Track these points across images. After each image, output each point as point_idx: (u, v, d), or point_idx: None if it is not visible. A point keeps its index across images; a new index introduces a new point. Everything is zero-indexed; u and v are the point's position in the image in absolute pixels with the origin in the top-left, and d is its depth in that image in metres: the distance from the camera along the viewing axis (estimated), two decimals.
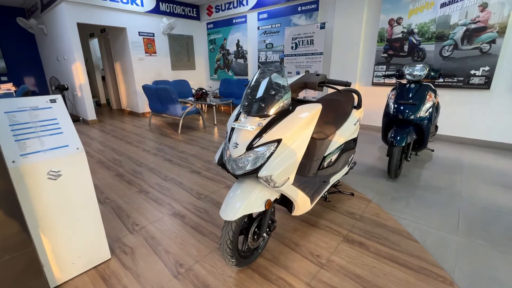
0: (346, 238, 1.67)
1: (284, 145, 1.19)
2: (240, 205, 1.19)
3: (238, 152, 1.19)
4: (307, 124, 1.26)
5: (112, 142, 3.94)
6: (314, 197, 1.56)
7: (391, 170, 2.39)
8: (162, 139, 4.06)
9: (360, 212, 1.96)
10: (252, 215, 1.40)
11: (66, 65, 5.28)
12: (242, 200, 1.21)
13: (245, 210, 1.19)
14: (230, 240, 1.23)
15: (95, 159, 3.20)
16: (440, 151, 3.27)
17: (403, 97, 2.46)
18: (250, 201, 1.21)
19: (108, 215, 1.96)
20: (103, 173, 2.75)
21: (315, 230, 1.75)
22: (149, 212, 1.99)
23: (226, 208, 1.21)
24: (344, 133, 1.87)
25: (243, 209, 1.19)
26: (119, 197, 2.24)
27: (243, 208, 1.19)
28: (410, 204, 2.05)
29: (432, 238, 1.66)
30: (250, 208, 1.21)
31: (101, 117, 5.97)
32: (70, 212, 1.30)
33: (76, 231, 1.34)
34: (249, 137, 1.19)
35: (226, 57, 6.46)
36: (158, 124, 5.12)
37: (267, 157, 1.17)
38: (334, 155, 1.85)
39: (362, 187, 2.34)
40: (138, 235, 1.72)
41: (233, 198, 1.23)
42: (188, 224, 1.84)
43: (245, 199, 1.21)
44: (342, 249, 1.57)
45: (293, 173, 1.23)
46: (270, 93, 1.23)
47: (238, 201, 1.21)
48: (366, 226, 1.79)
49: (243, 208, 1.19)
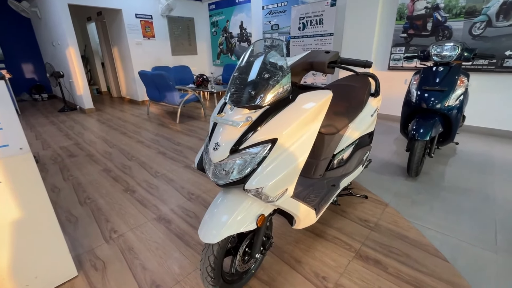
0: (359, 253, 1.39)
1: (281, 147, 0.89)
2: (223, 224, 0.92)
3: (219, 155, 0.90)
4: (312, 118, 0.95)
5: (106, 132, 3.71)
6: (320, 206, 1.27)
7: (412, 168, 2.06)
8: (159, 129, 3.81)
9: (375, 219, 1.66)
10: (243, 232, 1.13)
11: (61, 51, 5.02)
12: (226, 217, 0.93)
13: (229, 230, 0.92)
14: (211, 267, 0.97)
15: (85, 151, 2.98)
16: (465, 145, 2.89)
17: (429, 82, 2.09)
18: (237, 218, 0.93)
19: (85, 219, 1.73)
20: (89, 168, 2.53)
21: (321, 243, 1.47)
22: (132, 216, 1.75)
23: (205, 228, 0.94)
24: (358, 126, 1.54)
25: (227, 229, 0.91)
26: (102, 196, 2.00)
27: (227, 227, 0.91)
28: (435, 210, 1.74)
29: (464, 255, 1.36)
30: (237, 227, 0.93)
31: (99, 105, 5.75)
32: (17, 227, 1.05)
33: (28, 248, 1.10)
34: (234, 135, 0.90)
35: (229, 40, 6.06)
36: (157, 113, 4.86)
37: (257, 162, 0.87)
38: (346, 153, 1.54)
39: (376, 188, 2.03)
40: (114, 245, 1.48)
41: (215, 215, 0.95)
42: (173, 231, 1.59)
43: (230, 215, 0.93)
44: (354, 269, 1.29)
45: (292, 183, 0.93)
46: (263, 76, 0.92)
47: (221, 219, 0.93)
48: (383, 237, 1.50)
49: (227, 227, 0.91)
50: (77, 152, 2.95)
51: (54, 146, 3.17)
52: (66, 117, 4.71)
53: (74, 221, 1.71)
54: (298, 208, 1.07)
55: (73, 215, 1.78)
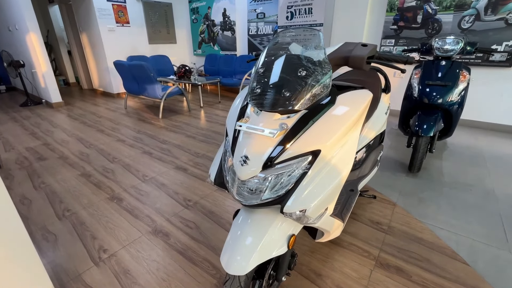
0: (379, 261, 1.31)
1: (323, 160, 0.75)
2: (252, 251, 0.77)
3: (249, 171, 0.74)
4: (354, 123, 0.82)
5: (80, 130, 3.33)
6: (344, 215, 1.17)
7: (415, 165, 2.04)
8: (141, 125, 3.50)
9: (386, 220, 1.60)
10: None
11: (19, 37, 4.41)
12: (254, 242, 0.78)
13: (261, 257, 0.77)
14: None
15: (56, 153, 2.63)
16: (453, 137, 2.96)
17: (431, 76, 2.05)
18: (267, 243, 0.79)
19: (66, 237, 1.49)
20: (64, 173, 2.22)
21: (338, 251, 1.37)
22: (122, 230, 1.53)
23: (230, 256, 0.78)
24: (374, 125, 1.45)
25: (258, 257, 0.76)
26: (83, 207, 1.75)
27: (257, 255, 0.77)
28: (442, 208, 1.72)
29: (483, 257, 1.34)
30: (268, 253, 0.79)
31: (68, 98, 5.21)
32: None
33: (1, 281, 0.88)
34: (267, 147, 0.74)
35: (211, 29, 5.72)
36: (136, 107, 4.49)
37: (296, 179, 0.73)
38: (360, 155, 1.44)
39: (381, 186, 1.98)
40: (106, 268, 1.28)
41: (240, 239, 0.80)
42: (173, 247, 1.41)
43: (260, 239, 0.79)
44: (378, 280, 1.21)
45: (334, 201, 0.80)
46: (299, 73, 0.76)
47: (247, 244, 0.78)
48: (399, 241, 1.44)
49: (258, 255, 0.77)
50: (48, 154, 2.60)
51: (18, 148, 2.77)
52: (30, 113, 4.19)
53: (53, 240, 1.46)
54: (332, 225, 0.95)
55: (50, 232, 1.53)
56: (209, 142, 2.89)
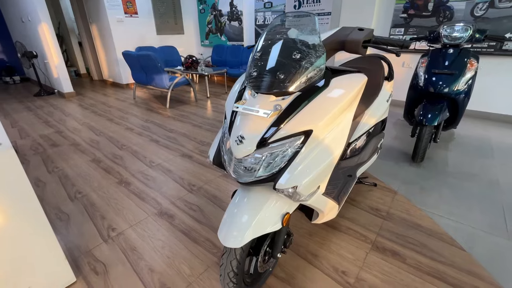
0: (375, 245, 1.34)
1: (315, 139, 0.78)
2: (247, 226, 0.81)
3: (244, 150, 0.78)
4: (348, 105, 0.84)
5: (91, 118, 3.44)
6: (340, 198, 1.20)
7: (418, 154, 2.03)
8: (148, 114, 3.58)
9: (386, 207, 1.62)
10: None
11: (32, 27, 4.53)
12: (249, 218, 0.83)
13: (255, 232, 0.82)
14: (233, 272, 0.87)
15: (68, 140, 2.74)
16: (462, 129, 2.91)
17: (438, 65, 2.01)
18: (262, 219, 0.83)
19: (78, 216, 1.58)
20: (76, 158, 2.32)
21: (336, 234, 1.41)
22: (130, 211, 1.61)
23: (227, 231, 0.83)
24: (375, 112, 1.45)
25: (252, 231, 0.81)
26: (94, 190, 1.84)
27: (252, 229, 0.81)
28: (444, 197, 1.72)
29: (480, 244, 1.35)
30: (263, 228, 0.83)
31: (79, 89, 5.35)
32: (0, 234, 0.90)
33: (16, 256, 0.96)
34: (261, 126, 0.77)
35: (218, 19, 5.70)
36: (144, 97, 4.57)
37: (289, 158, 0.76)
38: (360, 141, 1.45)
39: (383, 174, 1.99)
40: (114, 245, 1.36)
41: (236, 215, 0.85)
42: (178, 227, 1.48)
43: (255, 215, 0.83)
44: (373, 262, 1.24)
45: (325, 180, 0.84)
46: (294, 57, 0.78)
47: (243, 220, 0.83)
48: (397, 227, 1.47)
49: (252, 230, 0.81)
50: (60, 141, 2.71)
51: (33, 135, 2.90)
52: (44, 102, 4.33)
53: (66, 219, 1.56)
54: (325, 204, 0.98)
55: (63, 212, 1.62)
56: (215, 131, 2.94)
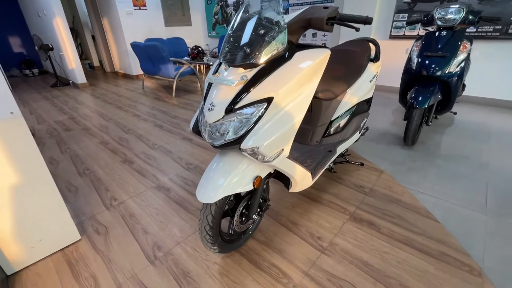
0: (353, 216, 1.43)
1: (277, 106, 0.88)
2: (220, 184, 0.93)
3: (214, 115, 0.89)
4: (309, 77, 0.93)
5: (101, 107, 3.65)
6: (317, 170, 1.29)
7: (408, 136, 2.07)
8: (155, 103, 3.74)
9: (370, 185, 1.70)
10: (240, 194, 1.15)
11: (47, 21, 4.77)
12: (223, 178, 0.94)
13: (226, 190, 0.93)
14: (209, 226, 0.99)
15: (80, 125, 2.94)
16: (464, 114, 2.88)
17: (431, 48, 2.03)
18: (234, 179, 0.94)
19: (85, 189, 1.75)
20: (86, 141, 2.52)
21: (317, 207, 1.51)
22: (131, 185, 1.77)
23: (203, 188, 0.95)
24: (357, 92, 1.52)
25: (224, 189, 0.92)
26: (100, 167, 2.02)
27: (224, 187, 0.92)
28: (429, 176, 1.77)
29: (455, 217, 1.41)
30: (234, 188, 0.94)
31: (93, 80, 5.60)
32: (15, 191, 1.06)
33: (29, 212, 1.12)
34: (229, 94, 0.88)
35: (224, 9, 5.77)
36: (152, 87, 4.75)
37: (253, 122, 0.86)
38: (343, 120, 1.53)
39: (373, 156, 2.05)
40: (115, 212, 1.52)
41: (212, 175, 0.96)
42: (172, 199, 1.62)
43: (227, 176, 0.94)
44: (348, 230, 1.34)
45: (288, 143, 0.93)
46: (259, 32, 0.88)
47: (218, 179, 0.94)
48: (377, 202, 1.54)
49: (224, 188, 0.92)
50: (73, 126, 2.92)
51: (49, 121, 3.13)
52: (60, 92, 4.60)
53: (74, 191, 1.73)
54: (294, 170, 1.08)
55: (73, 185, 1.80)
56: None
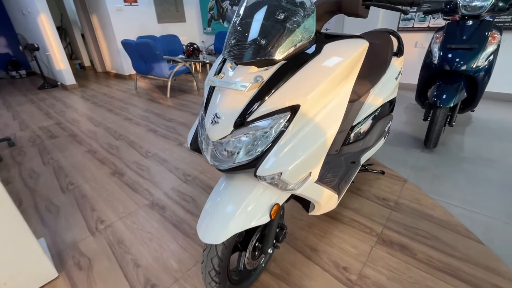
0: (381, 238, 1.22)
1: (304, 116, 0.66)
2: (229, 218, 0.71)
3: (219, 130, 0.67)
4: (344, 76, 0.71)
5: (91, 110, 3.39)
6: (341, 187, 1.07)
7: (431, 139, 1.87)
8: (149, 104, 3.50)
9: (394, 197, 1.49)
10: None
11: (32, 20, 4.48)
12: (232, 210, 0.72)
13: (237, 226, 0.71)
14: (215, 271, 0.78)
15: (67, 131, 2.70)
16: (481, 112, 2.69)
17: (455, 39, 1.81)
18: (246, 210, 0.73)
19: (67, 208, 1.52)
20: (72, 149, 2.27)
21: (338, 227, 1.30)
22: (121, 203, 1.54)
23: (206, 223, 0.73)
24: (381, 91, 1.30)
25: (233, 226, 0.71)
26: (86, 181, 1.78)
27: (233, 223, 0.71)
28: (459, 184, 1.57)
29: (500, 235, 1.21)
30: (246, 222, 0.73)
31: (83, 81, 5.32)
32: None
33: None
34: (239, 103, 0.65)
35: (220, 4, 5.50)
36: (146, 88, 4.50)
37: (272, 139, 0.64)
38: (365, 124, 1.31)
39: (391, 162, 1.84)
40: (101, 238, 1.29)
41: (218, 206, 0.74)
42: (168, 219, 1.39)
43: (237, 207, 0.72)
44: (378, 257, 1.13)
45: (318, 164, 0.72)
46: (277, 17, 0.65)
47: (225, 212, 0.72)
48: (406, 218, 1.34)
49: (233, 224, 0.71)
50: (59, 133, 2.67)
51: (33, 127, 2.88)
52: (47, 95, 4.33)
53: (55, 212, 1.50)
54: (321, 194, 0.86)
55: (54, 204, 1.57)
56: None
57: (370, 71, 1.25)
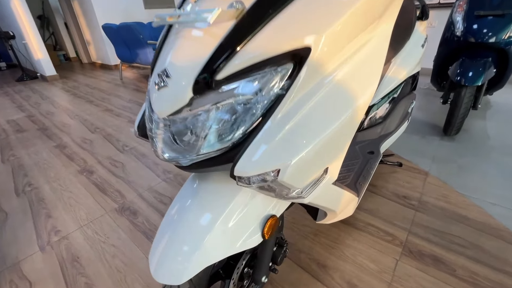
0: (408, 247, 0.96)
1: (317, 70, 0.38)
2: (197, 245, 0.44)
3: (170, 98, 0.39)
4: (383, 8, 0.43)
5: (69, 101, 3.08)
6: (359, 187, 0.80)
7: (453, 124, 1.60)
8: (133, 94, 3.19)
9: (416, 194, 1.23)
10: None
11: (5, 5, 4.11)
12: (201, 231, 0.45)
13: (210, 257, 0.44)
14: None
15: (37, 125, 2.39)
16: (498, 94, 2.42)
17: (483, 5, 1.53)
18: (225, 231, 0.46)
19: (18, 216, 1.24)
20: (39, 145, 1.98)
21: (350, 233, 1.03)
22: (84, 207, 1.27)
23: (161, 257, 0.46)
24: (406, 62, 1.02)
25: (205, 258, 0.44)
26: (48, 181, 1.50)
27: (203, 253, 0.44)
28: (492, 178, 1.31)
29: None
30: (226, 249, 0.46)
31: (65, 72, 4.97)
32: None
33: None
34: (202, 48, 0.37)
35: None
36: (132, 78, 4.17)
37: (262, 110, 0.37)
38: (384, 104, 1.03)
39: (407, 151, 1.57)
40: (52, 254, 1.02)
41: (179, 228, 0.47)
42: (139, 228, 1.12)
43: (210, 226, 0.45)
44: (407, 274, 0.87)
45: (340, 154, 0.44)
46: None
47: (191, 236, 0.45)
48: (434, 220, 1.07)
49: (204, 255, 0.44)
50: (28, 126, 2.37)
51: (0, 120, 2.57)
52: (24, 87, 3.99)
53: (2, 220, 1.22)
54: (339, 200, 0.59)
55: (2, 210, 1.29)
56: None
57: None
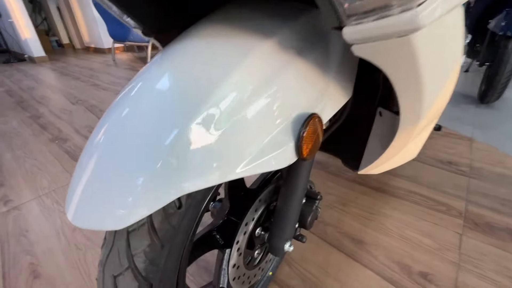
0: (470, 219, 0.71)
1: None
2: (163, 156, 0.18)
3: None
4: None
5: (54, 79, 2.82)
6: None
7: (496, 87, 1.34)
8: (124, 72, 2.93)
9: (465, 160, 0.98)
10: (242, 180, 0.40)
11: None
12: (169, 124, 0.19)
13: (187, 183, 0.18)
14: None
15: (14, 98, 2.13)
16: None
17: None
18: (221, 137, 0.20)
19: None
20: (13, 115, 1.72)
21: (390, 203, 0.78)
22: (48, 175, 1.01)
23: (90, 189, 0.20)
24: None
25: (175, 182, 0.18)
26: (11, 149, 1.25)
27: (175, 173, 0.18)
28: None
29: None
30: (220, 172, 0.20)
31: (57, 56, 4.70)
32: None
33: None
34: None
35: None
36: (125, 59, 3.90)
37: None
38: None
39: (443, 119, 1.33)
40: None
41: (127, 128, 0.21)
42: None
43: (187, 118, 0.20)
44: (479, 251, 0.62)
45: None
46: None
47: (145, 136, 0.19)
48: (496, 188, 0.83)
49: (175, 177, 0.18)
50: (4, 100, 2.11)
51: None
52: (9, 67, 3.72)
53: None
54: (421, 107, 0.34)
55: None
56: None
57: None
